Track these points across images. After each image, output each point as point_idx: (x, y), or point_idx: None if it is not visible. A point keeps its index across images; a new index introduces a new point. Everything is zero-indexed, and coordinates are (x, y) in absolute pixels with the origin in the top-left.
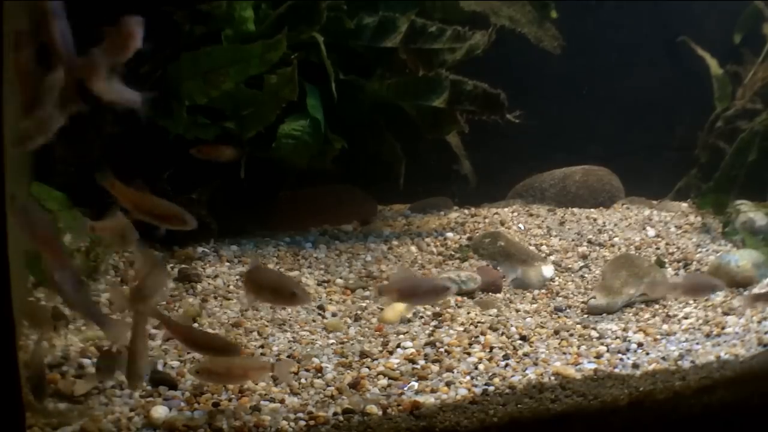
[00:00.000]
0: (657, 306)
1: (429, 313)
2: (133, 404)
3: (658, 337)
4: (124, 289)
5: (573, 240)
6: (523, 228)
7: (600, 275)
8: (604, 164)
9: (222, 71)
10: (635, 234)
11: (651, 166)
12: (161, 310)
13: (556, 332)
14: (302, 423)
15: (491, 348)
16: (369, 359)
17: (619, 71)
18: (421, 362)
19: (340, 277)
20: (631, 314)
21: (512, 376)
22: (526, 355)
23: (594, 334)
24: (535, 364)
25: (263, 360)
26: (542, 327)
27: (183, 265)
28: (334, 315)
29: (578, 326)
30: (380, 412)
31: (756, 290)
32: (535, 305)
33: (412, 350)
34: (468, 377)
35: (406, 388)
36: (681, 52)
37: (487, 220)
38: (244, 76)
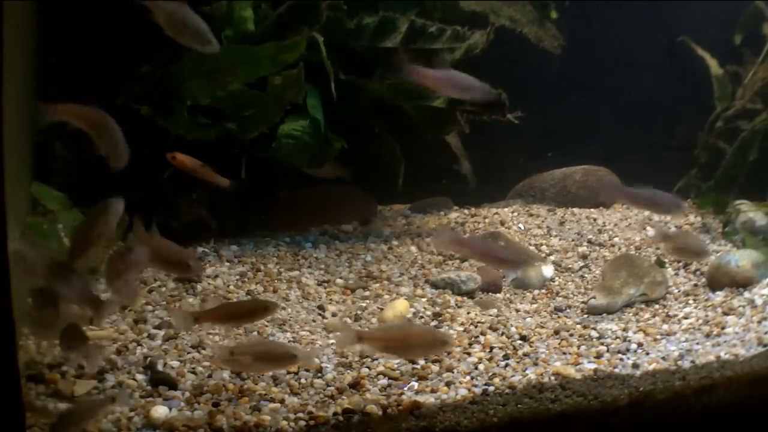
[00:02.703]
0: (657, 306)
1: (429, 313)
2: (133, 404)
3: (658, 337)
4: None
5: (573, 240)
6: (523, 228)
7: (600, 275)
8: (604, 164)
9: (230, 72)
10: (635, 234)
11: (651, 166)
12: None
13: (556, 332)
14: (302, 423)
15: (491, 348)
16: (369, 359)
17: (619, 71)
18: (421, 362)
19: (340, 277)
20: (631, 314)
21: (512, 376)
22: (526, 355)
23: (594, 334)
24: (535, 364)
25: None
26: (542, 327)
27: None
28: (334, 315)
29: (578, 326)
30: (380, 412)
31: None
32: (535, 305)
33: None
34: (468, 377)
35: (406, 388)
36: (681, 52)
37: (487, 220)
38: (254, 76)
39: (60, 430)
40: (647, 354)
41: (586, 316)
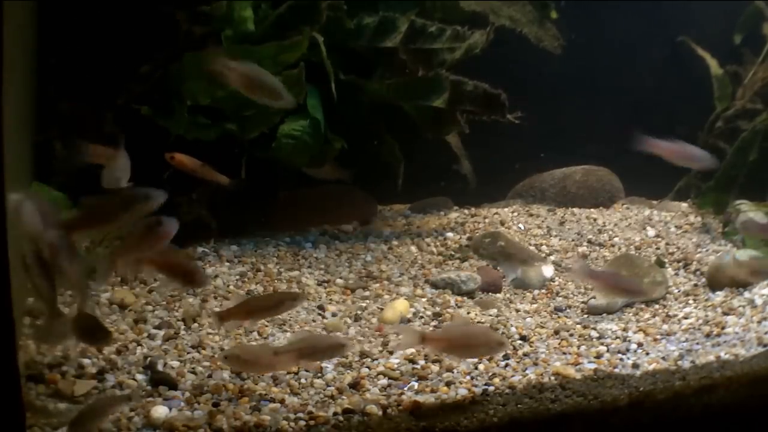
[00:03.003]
0: (657, 306)
1: (429, 313)
2: (133, 404)
3: (658, 337)
4: None
5: (573, 240)
6: (523, 228)
7: None
8: (604, 164)
9: None
10: (635, 234)
11: (651, 166)
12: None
13: (556, 332)
14: (302, 423)
15: None
16: (369, 359)
17: (619, 71)
18: (421, 362)
19: (340, 277)
20: (631, 314)
21: (512, 376)
22: (526, 355)
23: (594, 334)
24: (535, 364)
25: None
26: (542, 327)
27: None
28: (334, 315)
29: (578, 326)
30: (380, 412)
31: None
32: (535, 305)
33: (412, 350)
34: (468, 377)
35: (406, 388)
36: (681, 52)
37: (487, 220)
38: None
39: (78, 427)
40: (647, 354)
41: (586, 316)
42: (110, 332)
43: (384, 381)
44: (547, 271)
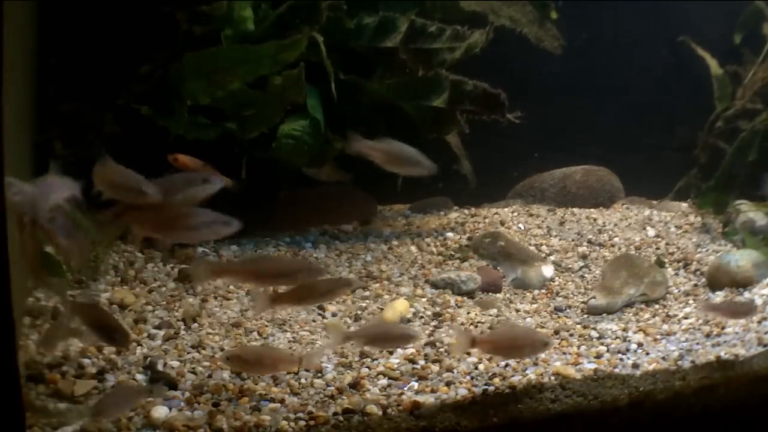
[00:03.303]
0: (657, 306)
1: (429, 313)
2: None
3: (658, 337)
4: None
5: (573, 240)
6: (523, 228)
7: (600, 275)
8: (604, 164)
9: (230, 71)
10: (635, 234)
11: (651, 166)
12: None
13: (556, 332)
14: (302, 423)
15: None
16: (369, 359)
17: (619, 71)
18: (421, 362)
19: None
20: (631, 314)
21: (512, 376)
22: None
23: (594, 334)
24: (535, 364)
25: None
26: (542, 327)
27: (183, 265)
28: (334, 315)
29: (578, 326)
30: (380, 412)
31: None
32: (535, 305)
33: (412, 350)
34: (468, 377)
35: (406, 388)
36: (681, 52)
37: (487, 220)
38: (254, 76)
39: (100, 415)
40: (647, 354)
41: (586, 316)
42: (129, 334)
43: (384, 381)
44: (547, 271)
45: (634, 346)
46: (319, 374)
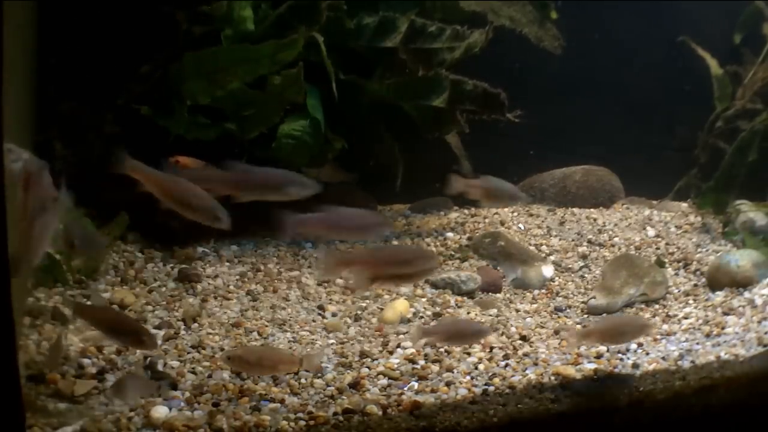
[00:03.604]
0: (657, 306)
1: (429, 313)
2: (133, 404)
3: (658, 337)
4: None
5: (573, 240)
6: (523, 228)
7: (600, 275)
8: (604, 164)
9: (229, 71)
10: (635, 234)
11: (651, 166)
12: None
13: (556, 332)
14: (302, 423)
15: (491, 348)
16: (369, 359)
17: (619, 71)
18: (421, 362)
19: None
20: (631, 314)
21: (512, 376)
22: (526, 355)
23: None
24: (535, 364)
25: (294, 353)
26: (542, 327)
27: (183, 265)
28: (334, 315)
29: (578, 326)
30: (380, 412)
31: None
32: (535, 305)
33: (412, 350)
34: (468, 377)
35: (406, 388)
36: (681, 52)
37: (487, 220)
38: (253, 76)
39: (119, 395)
40: (647, 354)
41: (586, 316)
42: (154, 338)
43: (384, 381)
44: (547, 271)
45: (634, 346)
46: (319, 374)
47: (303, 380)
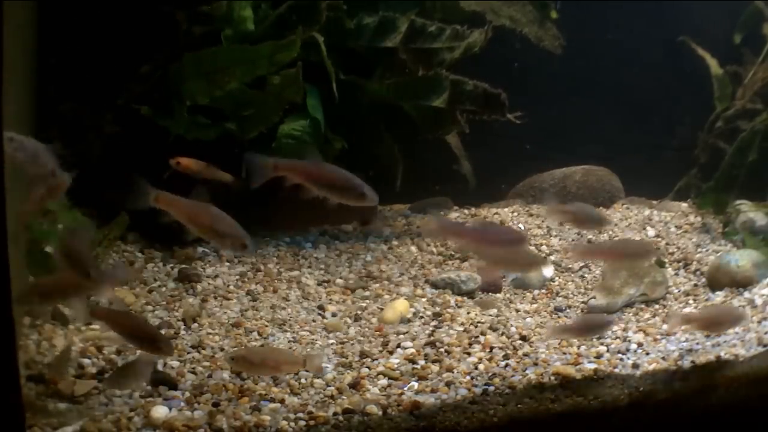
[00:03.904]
0: (657, 306)
1: (429, 313)
2: (133, 404)
3: (658, 337)
4: None
5: (573, 240)
6: (523, 228)
7: (600, 275)
8: (604, 164)
9: (228, 71)
10: (635, 234)
11: (651, 166)
12: None
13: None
14: (302, 423)
15: (491, 348)
16: (369, 359)
17: (619, 71)
18: (421, 362)
19: (340, 277)
20: (631, 314)
21: (512, 376)
22: (526, 355)
23: None
24: (535, 364)
25: (296, 353)
26: (542, 327)
27: (183, 265)
28: (334, 315)
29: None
30: (380, 412)
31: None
32: (535, 305)
33: (412, 350)
34: (468, 377)
35: (406, 388)
36: (681, 52)
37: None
38: (252, 76)
39: (121, 379)
40: (647, 354)
41: None
42: (171, 344)
43: (384, 381)
44: (547, 271)
45: (634, 346)
46: (319, 374)
47: (303, 380)
